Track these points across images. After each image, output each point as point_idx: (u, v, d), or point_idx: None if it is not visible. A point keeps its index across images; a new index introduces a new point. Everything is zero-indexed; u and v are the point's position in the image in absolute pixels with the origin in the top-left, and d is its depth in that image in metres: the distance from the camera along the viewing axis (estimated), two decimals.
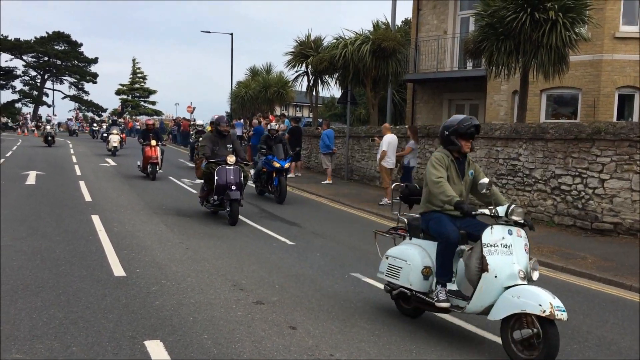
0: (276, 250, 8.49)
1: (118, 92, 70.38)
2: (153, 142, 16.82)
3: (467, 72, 19.93)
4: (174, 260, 7.47)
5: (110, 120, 37.54)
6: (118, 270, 6.85)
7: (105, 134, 33.22)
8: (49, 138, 29.92)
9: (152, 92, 71.62)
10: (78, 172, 17.76)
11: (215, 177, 10.43)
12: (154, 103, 71.42)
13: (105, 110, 69.58)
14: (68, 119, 58.73)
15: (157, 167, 16.92)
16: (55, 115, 63.62)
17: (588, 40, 14.06)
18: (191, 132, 26.44)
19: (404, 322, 5.56)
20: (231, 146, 11.16)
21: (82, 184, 14.82)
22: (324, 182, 17.50)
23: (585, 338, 5.42)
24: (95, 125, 44.67)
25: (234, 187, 10.34)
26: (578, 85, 15.68)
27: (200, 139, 13.14)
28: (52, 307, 5.42)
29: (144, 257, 7.55)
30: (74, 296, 5.78)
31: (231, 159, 10.57)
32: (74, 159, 22.62)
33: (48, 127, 32.03)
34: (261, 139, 15.16)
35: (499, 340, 5.20)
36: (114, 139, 25.34)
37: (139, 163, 17.66)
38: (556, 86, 15.50)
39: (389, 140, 13.66)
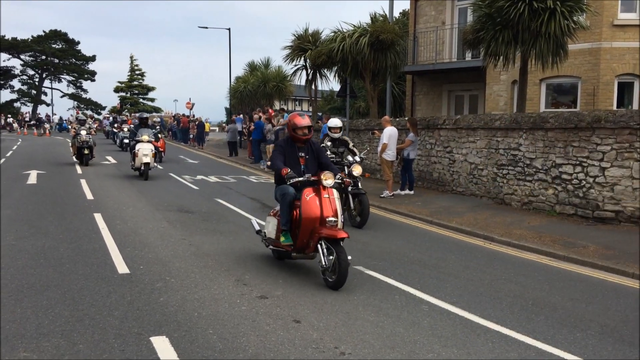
0: None
1: (117, 90, 70.33)
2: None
3: (466, 63, 19.90)
4: (177, 257, 7.50)
5: (137, 120, 19.96)
6: (122, 267, 6.88)
7: (127, 140, 24.09)
8: (85, 151, 19.10)
9: (151, 89, 71.63)
10: (79, 171, 17.79)
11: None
12: (152, 100, 71.45)
13: (104, 108, 69.58)
14: (104, 117, 54.35)
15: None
16: (55, 114, 63.70)
17: (587, 28, 14.05)
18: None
19: (407, 314, 5.59)
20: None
21: (83, 182, 14.85)
22: None
23: (587, 326, 5.44)
24: (114, 124, 35.49)
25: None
26: (577, 74, 15.67)
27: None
28: (58, 305, 5.45)
29: (147, 254, 7.58)
30: (79, 294, 5.81)
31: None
32: (75, 158, 22.63)
33: (83, 132, 19.00)
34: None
35: (503, 329, 5.26)
36: (145, 150, 15.89)
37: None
38: (555, 75, 15.49)
39: (390, 133, 13.65)
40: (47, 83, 69.17)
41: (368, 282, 6.72)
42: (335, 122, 11.78)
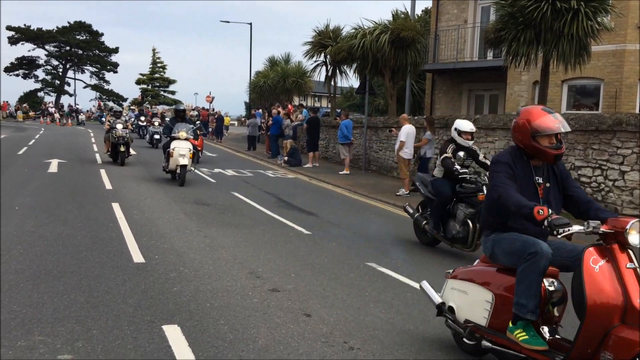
0: (292, 239, 8.56)
1: (138, 82, 71.02)
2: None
3: (487, 62, 19.75)
4: (192, 248, 7.57)
5: (173, 112, 17.07)
6: (137, 256, 6.97)
7: (158, 136, 23.55)
8: (121, 148, 16.72)
9: (172, 81, 72.16)
10: (99, 161, 18.02)
11: None
12: (173, 93, 71.98)
13: (125, 100, 70.29)
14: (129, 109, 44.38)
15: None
16: (78, 105, 64.50)
17: (611, 30, 13.85)
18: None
19: (419, 311, 5.59)
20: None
21: (102, 172, 15.04)
22: (342, 173, 17.53)
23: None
24: (139, 116, 32.69)
25: None
26: (600, 76, 15.48)
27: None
28: (74, 291, 5.55)
29: (162, 245, 7.67)
30: (95, 281, 5.90)
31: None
32: (95, 148, 22.94)
33: (119, 126, 16.70)
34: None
35: None
36: (182, 149, 13.37)
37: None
38: (578, 77, 15.31)
39: (407, 131, 13.63)
40: (70, 74, 70.16)
41: (380, 278, 6.73)
42: (466, 125, 8.44)
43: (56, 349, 4.25)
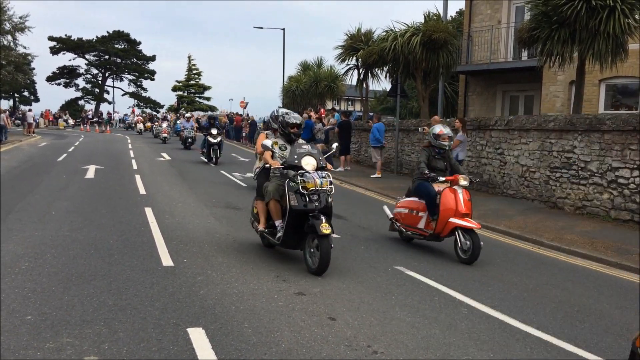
0: None
1: (174, 89, 72.22)
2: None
3: (521, 63, 19.40)
4: (220, 252, 7.64)
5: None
6: (167, 260, 7.06)
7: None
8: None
9: (207, 87, 73.16)
10: (135, 167, 18.37)
11: None
12: (208, 99, 72.95)
13: (162, 107, 71.63)
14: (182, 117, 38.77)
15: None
16: (117, 112, 66.03)
17: None
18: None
19: (445, 316, 5.51)
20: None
21: (137, 177, 15.32)
22: (373, 176, 17.45)
23: (634, 335, 5.20)
24: (186, 122, 30.70)
25: None
26: (639, 75, 15.01)
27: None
28: (103, 294, 5.66)
29: (191, 248, 7.75)
30: (124, 284, 6.01)
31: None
32: (132, 154, 23.40)
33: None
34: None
35: (543, 335, 5.12)
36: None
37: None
38: (615, 76, 14.92)
39: None
40: (109, 82, 71.92)
41: (408, 282, 6.66)
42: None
43: (83, 350, 4.33)
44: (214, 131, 20.66)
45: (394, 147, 19.05)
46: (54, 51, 67.47)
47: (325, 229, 6.46)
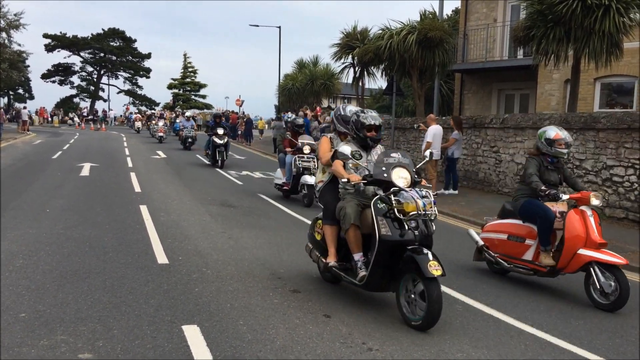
0: None
1: (170, 87, 72.03)
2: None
3: (517, 61, 19.42)
4: (215, 249, 7.63)
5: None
6: (162, 258, 7.05)
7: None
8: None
9: (203, 86, 72.98)
10: (130, 164, 18.33)
11: None
12: (204, 97, 72.78)
13: (158, 104, 71.45)
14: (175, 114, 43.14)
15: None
16: (112, 110, 65.86)
17: None
18: None
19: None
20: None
21: (133, 175, 15.29)
22: None
23: (628, 333, 5.24)
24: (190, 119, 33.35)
25: None
26: (634, 73, 15.07)
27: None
28: (98, 291, 5.64)
29: (187, 246, 7.75)
30: (119, 282, 5.99)
31: None
32: (127, 152, 23.35)
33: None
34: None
35: (538, 332, 5.13)
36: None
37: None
38: (610, 74, 14.97)
39: (434, 132, 13.50)
40: (104, 79, 71.72)
41: None
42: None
43: (77, 348, 4.32)
44: (220, 131, 18.87)
45: (390, 145, 19.05)
46: (49, 49, 67.25)
47: (435, 269, 4.87)
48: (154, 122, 36.67)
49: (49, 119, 57.87)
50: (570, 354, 4.69)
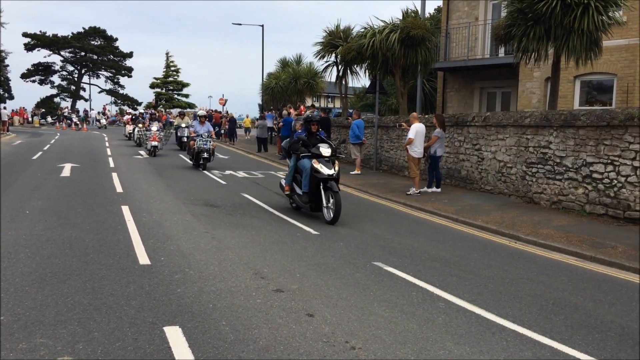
0: (300, 240, 8.54)
1: (152, 86, 71.53)
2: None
3: (498, 60, 19.59)
4: (198, 249, 7.59)
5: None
6: (143, 258, 6.99)
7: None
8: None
9: (186, 85, 72.58)
10: (111, 164, 18.16)
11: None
12: (187, 96, 72.38)
13: (140, 104, 70.84)
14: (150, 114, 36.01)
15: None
16: (93, 109, 65.16)
17: (622, 24, 13.65)
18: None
19: (423, 310, 5.53)
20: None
21: (114, 175, 15.16)
22: (353, 173, 17.47)
23: (608, 327, 5.30)
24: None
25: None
26: (613, 71, 15.26)
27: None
28: (78, 293, 5.58)
29: (169, 246, 7.69)
30: (99, 283, 5.93)
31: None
32: (109, 152, 23.13)
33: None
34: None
35: (519, 328, 5.17)
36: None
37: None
38: (590, 72, 15.13)
39: (417, 129, 13.54)
40: (85, 79, 70.91)
41: (386, 278, 6.68)
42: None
43: (57, 351, 4.27)
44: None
45: (373, 144, 19.11)
46: (29, 48, 66.31)
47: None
48: (141, 125, 27.65)
49: (29, 119, 57.09)
50: (551, 349, 4.73)
